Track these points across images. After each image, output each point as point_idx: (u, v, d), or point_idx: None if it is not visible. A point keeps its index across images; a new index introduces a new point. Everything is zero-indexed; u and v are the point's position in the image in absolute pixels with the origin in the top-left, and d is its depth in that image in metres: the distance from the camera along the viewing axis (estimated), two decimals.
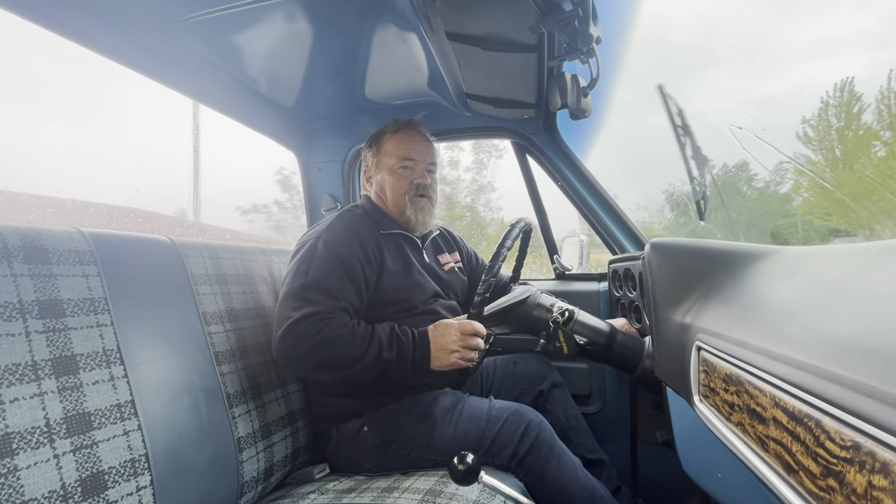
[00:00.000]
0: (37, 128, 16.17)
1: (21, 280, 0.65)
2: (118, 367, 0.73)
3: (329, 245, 1.02)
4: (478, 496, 0.80)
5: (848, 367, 0.34)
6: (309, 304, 0.94)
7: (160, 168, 14.97)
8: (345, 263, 1.01)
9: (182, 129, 8.72)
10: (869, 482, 0.30)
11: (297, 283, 0.97)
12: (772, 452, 0.44)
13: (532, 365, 1.26)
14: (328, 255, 1.01)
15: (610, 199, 1.48)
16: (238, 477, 0.87)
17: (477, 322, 0.99)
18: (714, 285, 0.72)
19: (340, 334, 0.92)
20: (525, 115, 1.43)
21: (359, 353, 0.92)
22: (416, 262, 1.17)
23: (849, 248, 0.59)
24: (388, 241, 1.14)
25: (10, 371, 0.60)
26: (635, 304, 1.18)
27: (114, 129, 17.39)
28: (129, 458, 0.70)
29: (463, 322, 0.99)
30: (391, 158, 1.18)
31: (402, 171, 1.18)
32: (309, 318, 0.92)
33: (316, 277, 0.97)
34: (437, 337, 0.98)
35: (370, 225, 1.13)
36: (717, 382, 0.57)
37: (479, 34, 0.96)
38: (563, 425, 1.18)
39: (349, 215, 1.13)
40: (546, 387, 1.22)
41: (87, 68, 17.74)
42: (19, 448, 0.58)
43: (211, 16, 0.93)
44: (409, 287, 1.11)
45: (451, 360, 0.97)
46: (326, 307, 0.94)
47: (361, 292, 1.03)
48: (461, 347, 0.97)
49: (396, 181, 1.17)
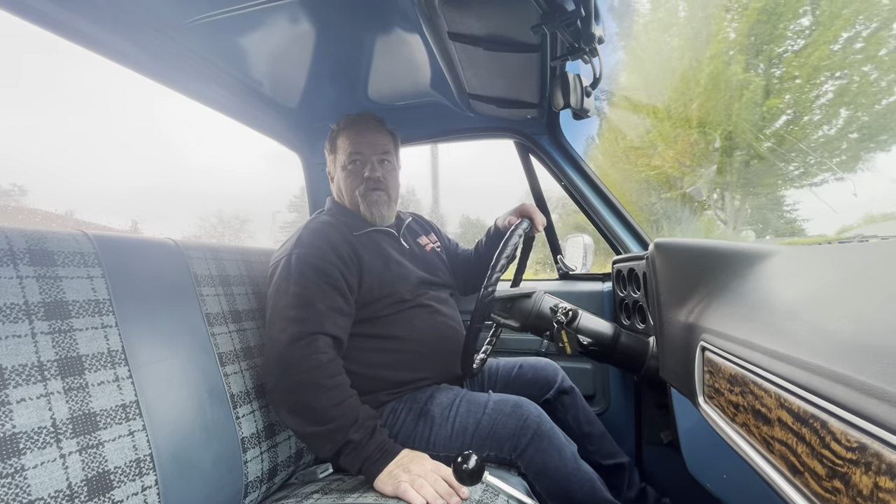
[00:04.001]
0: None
1: (27, 282, 0.66)
2: (123, 367, 0.73)
3: (302, 258, 0.99)
4: (481, 496, 0.80)
5: (854, 367, 0.34)
6: (294, 323, 0.91)
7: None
8: (322, 272, 0.98)
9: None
10: (875, 484, 0.29)
11: (281, 304, 0.94)
12: (777, 453, 0.43)
13: (538, 370, 1.23)
14: (304, 267, 0.97)
15: (613, 199, 1.48)
16: (242, 477, 0.87)
17: (460, 484, 0.78)
18: (718, 285, 0.72)
19: (328, 384, 0.86)
20: (528, 116, 1.43)
21: (334, 414, 0.85)
22: (394, 254, 1.14)
23: (854, 247, 0.58)
24: (363, 239, 1.11)
25: (16, 372, 0.61)
26: (639, 304, 1.17)
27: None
28: (135, 458, 0.70)
29: (448, 473, 0.79)
30: (342, 155, 1.16)
31: (351, 167, 1.15)
32: (298, 340, 0.88)
33: (297, 294, 0.94)
34: (407, 461, 0.83)
35: (340, 228, 1.09)
36: (721, 383, 0.57)
37: (481, 34, 0.95)
38: (576, 433, 1.14)
39: (315, 223, 1.09)
40: (553, 395, 1.18)
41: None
42: (26, 448, 0.59)
43: (214, 18, 0.94)
44: (392, 280, 1.08)
45: (398, 486, 0.78)
46: (313, 327, 0.91)
47: (347, 297, 1.00)
48: (424, 475, 0.79)
49: (347, 177, 1.15)
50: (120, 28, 0.95)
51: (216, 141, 71.77)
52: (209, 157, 74.79)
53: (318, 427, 0.85)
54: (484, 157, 67.34)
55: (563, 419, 1.16)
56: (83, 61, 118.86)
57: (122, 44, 1.00)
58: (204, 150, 73.48)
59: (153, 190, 66.66)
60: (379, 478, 0.82)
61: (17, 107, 64.16)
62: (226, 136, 46.11)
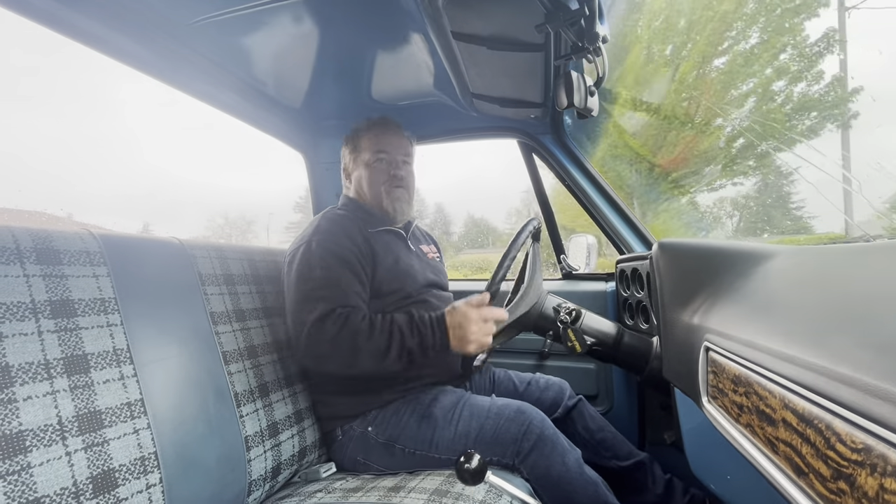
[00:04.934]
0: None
1: (33, 280, 0.66)
2: (128, 366, 0.74)
3: (322, 244, 1.05)
4: (484, 496, 0.80)
5: (858, 368, 0.34)
6: (323, 302, 0.95)
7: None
8: (342, 258, 1.03)
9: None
10: (880, 485, 0.29)
11: (307, 287, 0.99)
12: (781, 454, 0.43)
13: (546, 389, 1.23)
14: (325, 253, 1.03)
15: (617, 199, 1.47)
16: (246, 475, 0.88)
17: (496, 308, 0.97)
18: (722, 285, 0.71)
19: (361, 328, 0.93)
20: (531, 115, 1.43)
21: (384, 345, 0.93)
22: (404, 254, 1.19)
23: (859, 247, 0.58)
24: (376, 236, 1.16)
25: (23, 370, 0.61)
26: (643, 304, 1.17)
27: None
28: (139, 455, 0.70)
29: (483, 309, 0.96)
30: (367, 153, 1.21)
31: (377, 165, 1.20)
32: (328, 316, 0.94)
33: (322, 277, 0.99)
34: (454, 326, 0.95)
35: (357, 222, 1.14)
36: (725, 383, 0.57)
37: (485, 34, 0.95)
38: (590, 443, 1.14)
39: (332, 213, 1.16)
40: (561, 414, 1.18)
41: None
42: (32, 445, 0.59)
43: (219, 18, 0.94)
44: (401, 277, 1.12)
45: (467, 348, 0.95)
46: (340, 302, 0.97)
47: (364, 283, 1.05)
48: (479, 332, 0.94)
49: (373, 174, 1.20)
50: (125, 28, 0.96)
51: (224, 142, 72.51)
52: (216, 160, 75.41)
53: (375, 364, 0.93)
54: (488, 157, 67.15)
55: (574, 432, 1.16)
56: (88, 62, 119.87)
57: (127, 43, 1.00)
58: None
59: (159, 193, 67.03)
60: (451, 351, 0.96)
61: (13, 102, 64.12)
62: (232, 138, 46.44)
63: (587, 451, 1.01)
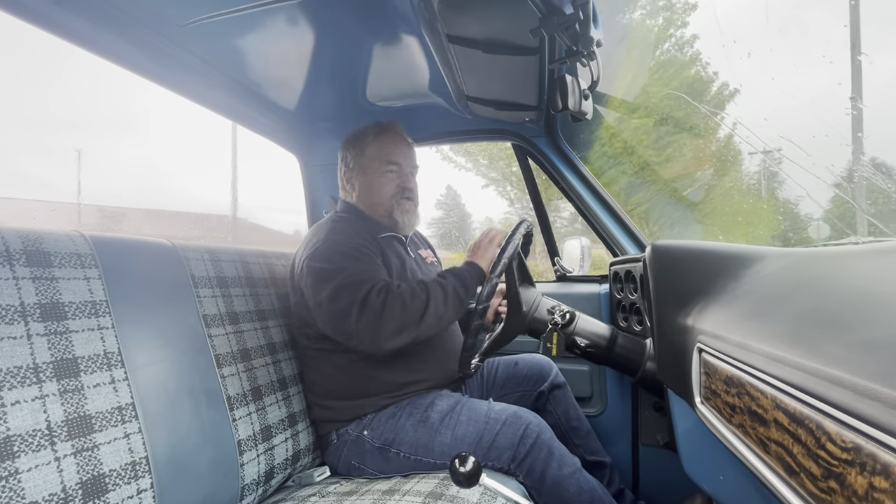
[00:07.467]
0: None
1: (23, 283, 0.65)
2: (119, 369, 0.73)
3: (341, 243, 1.06)
4: (479, 499, 0.80)
5: (849, 369, 0.34)
6: (360, 285, 0.97)
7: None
8: (362, 251, 1.06)
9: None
10: (870, 484, 0.30)
11: (340, 277, 0.99)
12: (773, 454, 0.43)
13: (533, 366, 1.27)
14: (347, 248, 1.05)
15: (611, 202, 1.48)
16: (239, 479, 0.87)
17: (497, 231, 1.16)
18: (715, 287, 0.72)
19: (402, 291, 0.98)
20: (526, 118, 1.44)
21: (425, 298, 0.98)
22: (408, 259, 1.21)
23: (851, 249, 0.59)
24: (383, 242, 1.17)
25: (11, 374, 0.60)
26: (636, 305, 1.18)
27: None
28: (130, 460, 0.70)
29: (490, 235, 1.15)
30: (376, 162, 1.20)
31: (388, 175, 1.20)
32: (370, 293, 0.96)
33: (350, 268, 1.01)
34: (478, 259, 1.11)
35: (365, 227, 1.16)
36: (718, 384, 0.57)
37: (480, 37, 0.96)
38: (563, 427, 1.18)
39: (340, 218, 1.18)
40: (546, 388, 1.22)
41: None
42: (20, 451, 0.58)
43: (213, 20, 0.93)
44: (406, 280, 1.13)
45: (482, 262, 1.11)
46: (374, 281, 0.99)
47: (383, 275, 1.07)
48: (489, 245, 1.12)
49: (385, 184, 1.20)
50: (118, 29, 0.95)
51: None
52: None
53: (430, 319, 0.99)
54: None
55: (553, 411, 1.20)
56: (87, 63, 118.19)
57: (120, 45, 1.00)
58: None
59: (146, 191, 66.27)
60: (476, 267, 1.09)
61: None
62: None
63: (557, 433, 1.03)
